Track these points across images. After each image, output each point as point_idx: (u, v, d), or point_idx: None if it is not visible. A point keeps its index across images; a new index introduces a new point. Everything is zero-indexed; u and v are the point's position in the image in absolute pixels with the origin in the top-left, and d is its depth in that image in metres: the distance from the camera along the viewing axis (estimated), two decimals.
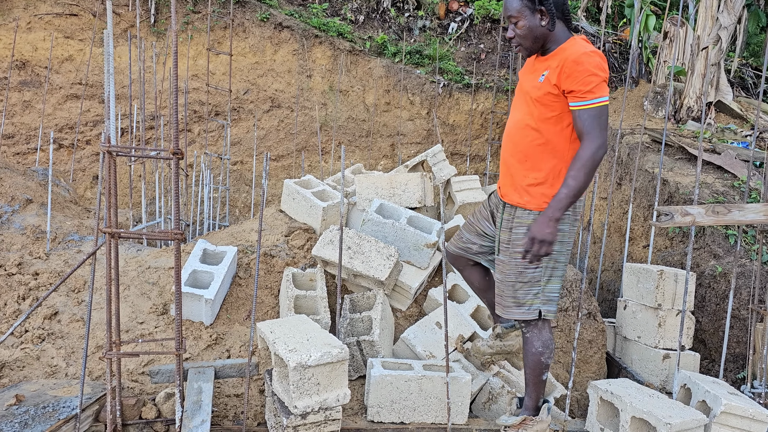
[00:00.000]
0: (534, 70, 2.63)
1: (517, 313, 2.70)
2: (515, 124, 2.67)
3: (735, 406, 2.90)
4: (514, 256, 2.64)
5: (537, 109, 2.56)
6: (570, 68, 2.44)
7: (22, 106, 7.34)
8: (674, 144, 5.62)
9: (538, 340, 2.72)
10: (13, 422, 2.49)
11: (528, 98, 2.60)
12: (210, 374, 2.93)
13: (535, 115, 2.58)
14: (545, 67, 2.56)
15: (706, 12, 6.17)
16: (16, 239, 4.01)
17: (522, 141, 2.63)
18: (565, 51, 2.51)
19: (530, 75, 2.65)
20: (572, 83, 2.44)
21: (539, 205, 2.61)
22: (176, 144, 2.44)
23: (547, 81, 2.51)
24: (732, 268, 3.78)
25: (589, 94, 2.43)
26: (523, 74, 2.74)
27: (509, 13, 2.53)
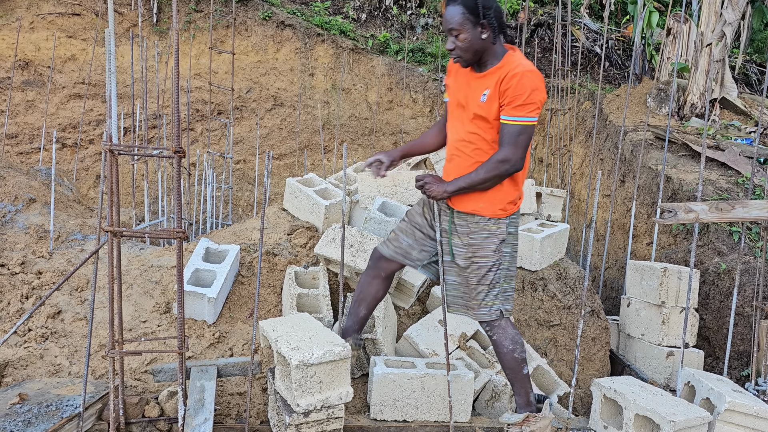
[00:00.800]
0: (472, 85, 2.69)
1: (482, 314, 2.81)
2: (461, 138, 2.75)
3: (739, 404, 2.89)
4: (477, 260, 2.74)
5: (482, 123, 2.65)
6: (509, 82, 2.53)
7: (26, 105, 7.36)
8: (678, 141, 5.60)
9: (506, 339, 2.83)
10: (16, 421, 2.50)
11: (469, 114, 2.68)
12: (213, 373, 2.93)
13: (480, 129, 2.67)
14: (484, 85, 2.63)
15: (709, 8, 6.14)
16: (19, 238, 4.02)
17: (471, 153, 2.72)
18: (504, 68, 2.58)
19: (466, 89, 2.70)
20: (508, 98, 2.54)
21: (495, 212, 2.71)
22: (178, 143, 2.44)
23: (490, 100, 2.60)
24: (736, 266, 3.77)
25: (519, 111, 2.54)
26: (455, 85, 2.77)
27: (451, 26, 2.56)
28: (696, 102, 6.27)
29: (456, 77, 2.79)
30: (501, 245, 2.75)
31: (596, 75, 8.33)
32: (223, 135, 7.75)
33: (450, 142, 2.84)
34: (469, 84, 2.70)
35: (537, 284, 4.12)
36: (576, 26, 8.78)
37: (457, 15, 2.53)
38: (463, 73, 2.76)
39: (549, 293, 4.09)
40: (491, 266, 2.74)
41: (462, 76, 2.76)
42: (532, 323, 4.01)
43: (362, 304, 3.03)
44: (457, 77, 2.78)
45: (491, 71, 2.62)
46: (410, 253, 2.93)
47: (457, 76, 2.79)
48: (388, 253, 2.95)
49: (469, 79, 2.71)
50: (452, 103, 2.80)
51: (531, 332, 3.98)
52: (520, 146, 2.57)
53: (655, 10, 7.27)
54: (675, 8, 7.17)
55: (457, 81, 2.77)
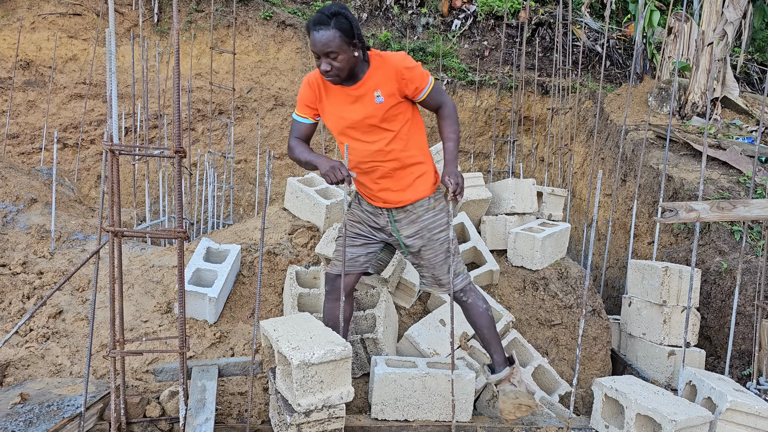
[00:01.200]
0: (354, 99, 2.76)
1: (458, 281, 2.99)
2: (370, 148, 2.81)
3: (741, 403, 2.89)
4: (435, 237, 2.94)
5: (385, 125, 2.78)
6: (408, 73, 2.74)
7: (27, 105, 7.36)
8: (679, 140, 5.59)
9: (479, 299, 3.07)
10: (18, 421, 2.50)
11: (367, 122, 2.77)
12: (214, 372, 2.93)
13: (388, 133, 2.80)
14: (368, 89, 2.74)
15: (710, 7, 6.13)
16: (20, 238, 4.03)
17: (387, 158, 2.83)
18: (384, 68, 2.73)
19: (352, 104, 2.77)
20: (414, 83, 2.77)
21: (430, 189, 2.95)
22: (179, 143, 2.44)
23: (388, 98, 2.74)
24: (737, 265, 3.77)
25: (426, 81, 2.80)
26: (334, 107, 2.81)
27: (329, 49, 2.59)
28: (697, 101, 6.26)
29: (329, 99, 2.83)
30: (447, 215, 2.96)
31: (597, 74, 8.32)
32: (224, 135, 7.75)
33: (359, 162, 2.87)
34: (348, 99, 2.78)
35: (538, 283, 4.12)
36: (577, 25, 8.77)
37: (335, 39, 2.59)
38: (335, 92, 2.80)
39: (550, 292, 4.08)
40: (448, 238, 2.94)
41: (336, 95, 2.81)
42: (534, 323, 4.01)
43: (335, 329, 3.04)
44: (331, 98, 2.82)
45: (367, 78, 2.74)
46: (359, 260, 3.02)
47: (329, 97, 2.83)
48: (338, 271, 2.99)
49: (349, 94, 2.77)
50: (336, 125, 2.85)
51: (532, 332, 3.98)
52: (446, 93, 2.90)
53: (656, 9, 7.26)
54: (676, 7, 7.17)
55: (334, 101, 2.82)
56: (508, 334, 3.77)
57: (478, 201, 4.32)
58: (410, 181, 2.90)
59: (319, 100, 2.84)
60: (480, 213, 4.41)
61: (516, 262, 4.21)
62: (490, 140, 8.01)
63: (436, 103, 2.87)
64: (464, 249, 4.11)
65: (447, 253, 2.96)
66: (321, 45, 2.59)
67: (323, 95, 2.83)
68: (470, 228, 4.22)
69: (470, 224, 4.24)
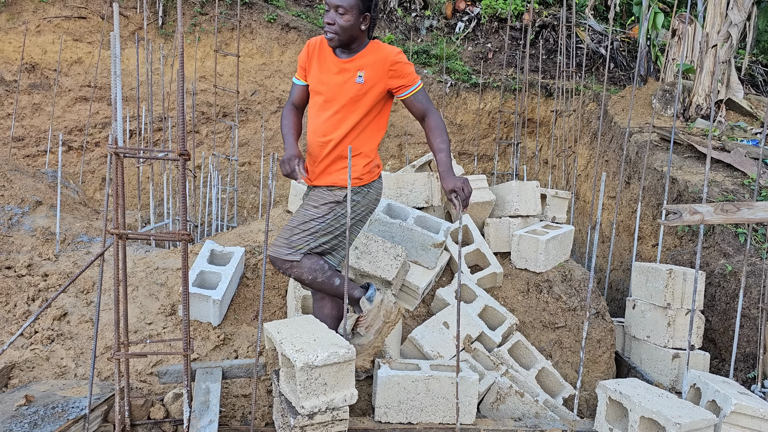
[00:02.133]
0: (340, 70, 2.80)
1: (284, 255, 2.82)
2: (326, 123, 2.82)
3: (745, 406, 2.88)
4: (308, 211, 2.86)
5: (353, 107, 2.80)
6: (397, 67, 2.77)
7: (32, 108, 7.39)
8: (683, 142, 5.58)
9: (304, 272, 2.85)
10: (22, 422, 2.51)
11: (336, 98, 2.80)
12: (218, 375, 2.94)
13: (352, 114, 2.81)
14: (356, 68, 2.78)
15: (714, 9, 6.12)
16: (25, 241, 4.04)
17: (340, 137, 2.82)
18: (377, 54, 2.77)
19: (336, 76, 2.80)
20: (401, 80, 2.79)
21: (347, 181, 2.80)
22: (183, 145, 2.45)
23: (369, 82, 2.77)
24: (742, 267, 3.76)
25: (414, 81, 2.82)
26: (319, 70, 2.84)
27: (342, 3, 2.64)
28: (701, 103, 6.25)
29: (320, 64, 2.86)
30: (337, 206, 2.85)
31: (601, 76, 8.32)
32: (228, 137, 7.77)
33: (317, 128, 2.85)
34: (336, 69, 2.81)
35: (542, 286, 4.11)
36: (581, 27, 8.77)
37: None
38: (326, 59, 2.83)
39: (554, 295, 4.08)
40: (315, 217, 2.83)
41: (326, 62, 2.84)
42: (537, 325, 4.00)
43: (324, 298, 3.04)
44: (320, 63, 2.85)
45: (359, 56, 2.78)
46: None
47: (319, 62, 2.86)
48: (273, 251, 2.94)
49: (337, 65, 2.81)
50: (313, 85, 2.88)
51: (536, 334, 3.98)
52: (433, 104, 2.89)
53: (660, 12, 7.26)
54: (680, 9, 7.16)
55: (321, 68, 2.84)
56: (512, 337, 3.77)
57: (481, 203, 4.32)
58: (337, 169, 2.87)
59: (309, 60, 2.89)
60: (484, 215, 4.41)
61: (520, 265, 4.21)
62: (494, 142, 8.01)
63: (421, 107, 2.85)
64: (468, 251, 4.11)
65: (300, 226, 2.83)
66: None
67: (315, 58, 2.87)
68: (474, 230, 4.22)
69: (474, 227, 4.24)
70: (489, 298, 3.87)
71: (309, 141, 2.91)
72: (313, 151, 2.90)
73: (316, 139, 2.87)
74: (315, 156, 2.90)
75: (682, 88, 6.38)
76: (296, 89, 2.97)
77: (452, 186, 2.70)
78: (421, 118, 2.88)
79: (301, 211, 2.89)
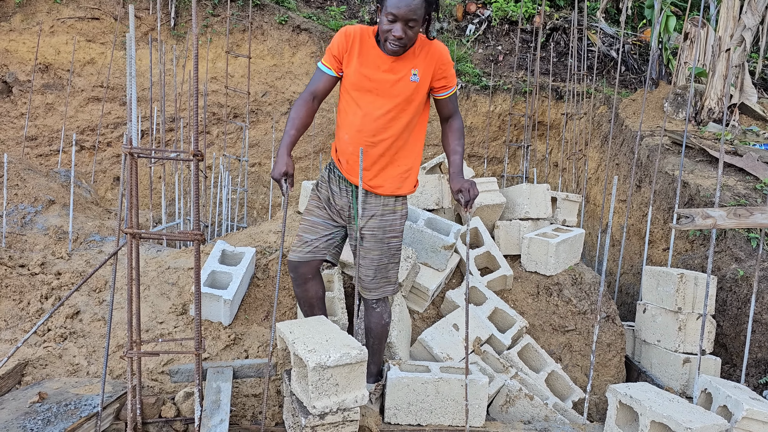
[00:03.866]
0: (389, 68, 2.70)
1: (388, 291, 2.97)
2: (378, 121, 2.73)
3: (757, 412, 2.86)
4: (388, 241, 2.88)
5: (406, 106, 2.74)
6: (445, 68, 2.75)
7: (45, 108, 7.46)
8: (695, 146, 5.55)
9: (386, 312, 3.02)
10: (36, 419, 2.54)
11: (389, 95, 2.71)
12: (228, 374, 2.95)
13: (405, 113, 2.74)
14: (410, 66, 2.70)
15: (727, 13, 6.09)
16: (39, 239, 4.08)
17: (393, 138, 2.77)
18: (429, 52, 2.71)
19: (384, 73, 2.70)
20: (447, 79, 2.78)
21: (410, 189, 2.90)
22: (196, 146, 2.47)
23: (423, 81, 2.72)
24: (754, 272, 3.73)
25: (455, 82, 2.83)
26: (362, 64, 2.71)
27: (413, 17, 2.52)
28: (713, 107, 6.22)
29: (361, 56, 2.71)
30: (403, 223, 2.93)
31: (612, 79, 8.29)
32: (238, 138, 7.80)
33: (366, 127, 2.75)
34: (387, 67, 2.70)
35: (552, 289, 4.10)
36: (592, 30, 8.74)
37: (421, 7, 2.54)
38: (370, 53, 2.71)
39: (564, 298, 4.07)
40: (399, 246, 2.93)
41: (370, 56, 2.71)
42: (547, 328, 3.99)
43: (314, 310, 3.07)
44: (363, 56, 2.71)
45: (411, 54, 2.69)
46: (318, 247, 2.93)
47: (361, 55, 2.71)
48: (301, 257, 2.93)
49: (385, 62, 2.70)
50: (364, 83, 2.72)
51: (546, 337, 3.97)
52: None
53: (673, 15, 7.22)
54: (692, 12, 7.13)
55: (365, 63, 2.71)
56: (522, 340, 3.76)
57: (492, 206, 4.32)
58: (395, 173, 2.83)
59: (349, 52, 2.73)
60: (494, 218, 4.41)
61: (530, 268, 4.20)
62: (504, 145, 8.00)
63: (451, 109, 2.86)
64: (478, 254, 4.11)
65: (391, 260, 2.91)
66: (407, 10, 2.51)
67: (355, 50, 2.72)
68: (484, 233, 4.22)
69: (484, 229, 4.24)
70: (499, 300, 3.86)
71: (349, 139, 2.78)
72: (355, 150, 2.78)
73: (364, 139, 2.75)
74: (357, 156, 2.78)
75: (694, 91, 6.35)
76: (323, 78, 2.77)
77: (459, 186, 2.72)
78: (447, 118, 2.88)
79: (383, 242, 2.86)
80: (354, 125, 2.77)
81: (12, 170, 4.62)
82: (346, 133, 2.80)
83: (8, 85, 7.39)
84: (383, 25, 2.58)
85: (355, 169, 2.81)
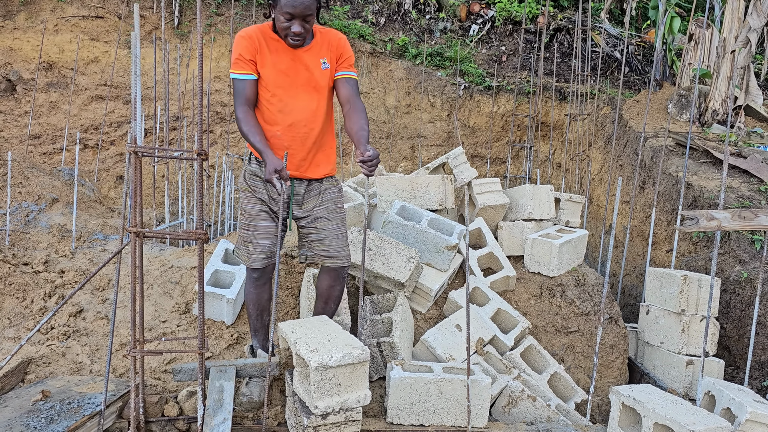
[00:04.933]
0: (301, 61, 2.82)
1: (350, 255, 3.05)
2: (309, 112, 2.86)
3: (761, 414, 2.85)
4: (338, 211, 3.02)
5: (324, 93, 2.89)
6: (343, 47, 2.90)
7: (49, 107, 7.47)
8: (699, 147, 5.54)
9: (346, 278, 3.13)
10: (39, 417, 2.54)
11: (311, 85, 2.85)
12: (231, 373, 2.95)
13: (324, 100, 2.90)
14: (317, 55, 2.85)
15: (732, 14, 6.08)
16: (42, 238, 4.09)
17: (320, 125, 2.90)
18: (328, 38, 2.89)
19: (298, 65, 2.81)
20: (345, 58, 2.90)
21: (334, 170, 3.09)
22: (200, 144, 2.47)
23: (331, 67, 2.88)
24: (758, 274, 3.72)
25: (353, 63, 2.94)
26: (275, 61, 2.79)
27: (309, 12, 2.67)
28: (718, 108, 6.21)
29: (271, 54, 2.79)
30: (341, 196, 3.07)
31: (616, 80, 8.28)
32: (241, 137, 7.80)
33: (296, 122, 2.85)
34: (297, 59, 2.81)
35: (555, 290, 4.10)
36: (596, 31, 8.73)
37: (314, 2, 2.68)
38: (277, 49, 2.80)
39: (567, 299, 4.07)
40: (345, 214, 3.07)
41: (278, 52, 2.80)
42: (550, 329, 3.99)
43: (263, 313, 3.11)
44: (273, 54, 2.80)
45: (316, 42, 2.85)
46: (272, 250, 2.97)
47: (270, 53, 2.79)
48: (262, 263, 2.95)
49: (296, 56, 2.81)
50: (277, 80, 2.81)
51: (548, 338, 3.96)
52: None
53: (677, 16, 7.21)
54: (697, 14, 7.11)
55: (276, 60, 2.80)
56: (525, 341, 3.75)
57: (495, 206, 4.32)
58: (327, 155, 2.99)
59: (259, 52, 2.79)
60: (497, 218, 4.40)
61: (533, 269, 4.20)
62: (507, 146, 8.00)
63: (351, 90, 2.89)
64: (481, 254, 4.10)
65: (344, 226, 3.05)
66: (303, 8, 2.64)
67: (265, 50, 2.79)
68: (487, 233, 4.21)
69: (487, 230, 4.24)
70: (502, 301, 3.86)
71: (282, 134, 2.84)
72: (294, 144, 2.86)
73: (298, 131, 2.85)
74: (296, 149, 2.87)
75: (698, 93, 6.33)
76: (248, 85, 2.78)
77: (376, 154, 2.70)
78: (349, 99, 2.89)
79: (336, 212, 3.01)
80: (285, 120, 2.85)
81: (16, 168, 4.63)
82: (278, 129, 2.86)
83: (12, 83, 7.40)
84: (280, 23, 2.70)
85: (291, 162, 2.89)
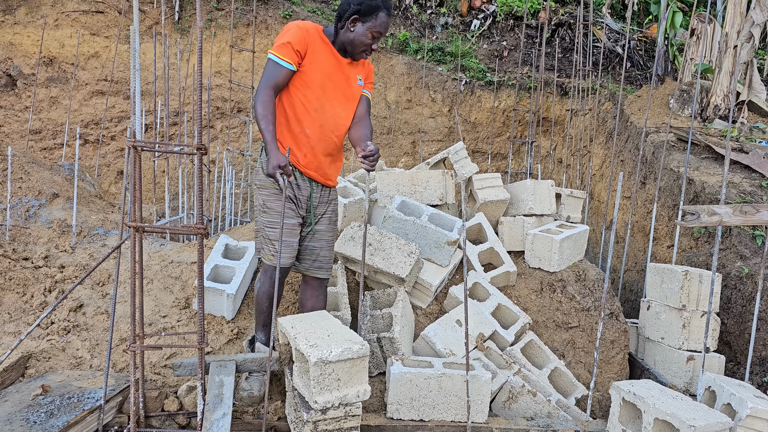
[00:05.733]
0: (344, 71, 2.93)
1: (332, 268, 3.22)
2: (340, 119, 2.96)
3: (761, 410, 2.85)
4: (335, 223, 3.14)
5: (354, 107, 3.01)
6: (369, 69, 3.08)
7: (49, 102, 7.46)
8: (700, 143, 5.53)
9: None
10: (39, 412, 2.54)
11: (347, 96, 2.96)
12: (231, 368, 2.95)
13: (352, 113, 3.01)
14: (356, 72, 2.99)
15: (734, 9, 6.05)
16: (42, 233, 4.08)
17: (343, 134, 3.01)
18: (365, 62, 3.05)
19: (341, 74, 2.91)
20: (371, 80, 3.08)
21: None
22: (200, 140, 2.46)
23: (362, 85, 3.03)
24: (759, 270, 3.72)
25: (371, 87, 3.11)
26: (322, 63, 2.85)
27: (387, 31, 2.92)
28: (719, 104, 6.19)
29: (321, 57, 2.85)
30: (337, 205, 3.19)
31: (617, 76, 8.25)
32: (242, 132, 7.79)
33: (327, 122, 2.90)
34: (342, 69, 2.92)
35: (555, 285, 4.09)
36: (597, 26, 8.70)
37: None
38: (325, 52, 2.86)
39: (568, 295, 4.06)
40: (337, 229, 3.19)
41: (325, 55, 2.86)
42: (550, 325, 3.98)
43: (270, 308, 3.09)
44: (323, 58, 2.85)
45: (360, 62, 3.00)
46: (297, 248, 3.01)
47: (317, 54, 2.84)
48: (290, 262, 2.97)
49: (341, 65, 2.92)
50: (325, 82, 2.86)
51: (549, 334, 3.96)
52: None
53: (679, 11, 7.18)
54: (699, 9, 7.09)
55: (324, 62, 2.85)
56: (525, 336, 3.75)
57: (496, 202, 4.31)
58: (338, 167, 3.10)
59: (310, 48, 2.81)
60: (498, 214, 4.40)
61: (533, 264, 4.19)
62: (508, 141, 7.98)
63: (365, 107, 3.03)
64: (481, 250, 4.10)
65: (335, 241, 3.18)
66: (385, 29, 2.83)
67: (315, 48, 2.83)
68: (488, 229, 4.21)
69: (488, 225, 4.23)
70: (502, 296, 3.85)
71: (311, 134, 2.85)
72: (319, 145, 2.89)
73: (325, 134, 2.90)
74: (319, 150, 2.91)
75: (700, 88, 6.31)
76: (283, 72, 2.75)
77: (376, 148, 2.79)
78: (362, 115, 3.03)
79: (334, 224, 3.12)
80: (317, 121, 2.87)
81: (16, 163, 4.63)
82: (308, 128, 2.87)
83: (13, 78, 7.39)
84: (363, 38, 2.82)
85: (313, 163, 2.93)
